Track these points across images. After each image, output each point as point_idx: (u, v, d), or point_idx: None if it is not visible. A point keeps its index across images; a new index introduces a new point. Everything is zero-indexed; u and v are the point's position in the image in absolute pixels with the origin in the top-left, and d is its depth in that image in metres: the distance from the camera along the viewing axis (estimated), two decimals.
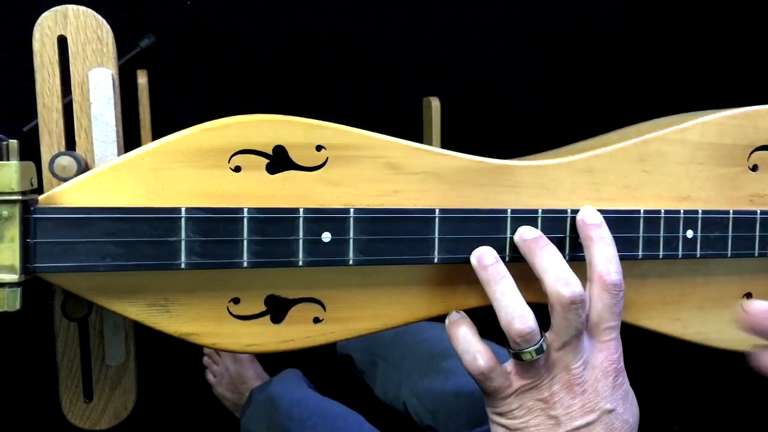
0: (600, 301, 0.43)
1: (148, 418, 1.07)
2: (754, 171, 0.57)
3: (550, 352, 0.42)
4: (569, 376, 0.42)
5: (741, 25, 1.41)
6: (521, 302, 0.42)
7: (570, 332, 0.42)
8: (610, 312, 0.43)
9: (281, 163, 0.44)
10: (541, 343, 0.41)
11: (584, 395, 0.42)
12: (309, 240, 0.43)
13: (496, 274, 0.44)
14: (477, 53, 1.23)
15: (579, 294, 0.41)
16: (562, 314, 0.41)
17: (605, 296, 0.43)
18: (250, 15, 1.09)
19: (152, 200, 0.42)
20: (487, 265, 0.44)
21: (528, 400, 0.43)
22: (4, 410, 1.04)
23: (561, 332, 0.42)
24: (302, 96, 1.13)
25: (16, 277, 0.38)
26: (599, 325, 0.43)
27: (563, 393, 0.42)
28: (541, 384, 0.42)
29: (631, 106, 1.34)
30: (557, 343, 0.42)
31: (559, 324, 0.42)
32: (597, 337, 0.44)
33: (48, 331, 0.63)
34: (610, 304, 0.43)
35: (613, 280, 0.43)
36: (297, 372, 1.02)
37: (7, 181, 0.38)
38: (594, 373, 0.43)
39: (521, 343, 0.41)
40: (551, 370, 0.42)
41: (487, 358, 0.43)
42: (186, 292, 0.44)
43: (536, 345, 0.41)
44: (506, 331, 0.42)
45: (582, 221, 0.47)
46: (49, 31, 0.53)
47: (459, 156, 0.48)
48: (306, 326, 0.47)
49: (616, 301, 0.43)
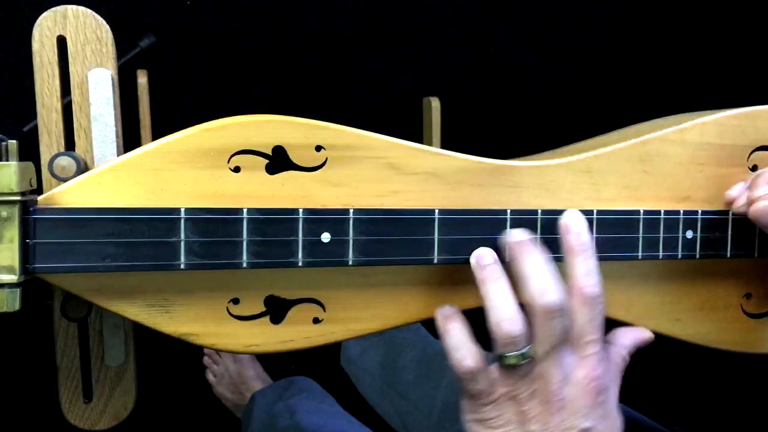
0: (580, 315, 0.42)
1: (148, 418, 1.07)
2: (754, 171, 0.57)
3: (533, 364, 0.41)
4: (548, 392, 0.41)
5: (741, 25, 1.41)
6: (513, 305, 0.41)
7: (551, 341, 0.41)
8: (591, 325, 0.42)
9: (281, 164, 0.44)
10: (527, 350, 0.41)
11: (562, 412, 0.41)
12: (308, 240, 0.43)
13: (492, 274, 0.43)
14: (477, 53, 1.23)
15: (559, 302, 0.41)
16: (543, 323, 0.41)
17: (585, 309, 0.42)
18: (250, 15, 1.09)
19: (152, 201, 0.42)
20: (485, 265, 0.44)
21: (506, 411, 0.42)
22: (4, 410, 1.04)
23: (542, 342, 0.41)
24: (302, 96, 1.13)
25: (16, 278, 0.38)
26: (580, 339, 0.42)
27: (541, 408, 0.41)
28: (521, 396, 0.42)
29: (631, 106, 1.33)
30: (540, 352, 0.41)
31: (539, 334, 0.41)
32: (579, 352, 0.43)
33: (48, 331, 0.63)
34: (590, 317, 0.42)
35: (592, 293, 0.42)
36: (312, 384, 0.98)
37: (6, 182, 0.38)
38: (574, 389, 0.42)
39: (507, 346, 0.41)
40: (531, 384, 0.42)
41: (478, 359, 0.42)
42: (185, 293, 0.44)
43: (521, 350, 0.41)
44: (494, 331, 0.41)
45: (566, 227, 0.45)
46: (49, 32, 0.53)
47: (459, 156, 0.48)
48: (306, 326, 0.47)
49: (596, 314, 0.43)
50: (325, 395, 0.94)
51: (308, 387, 0.96)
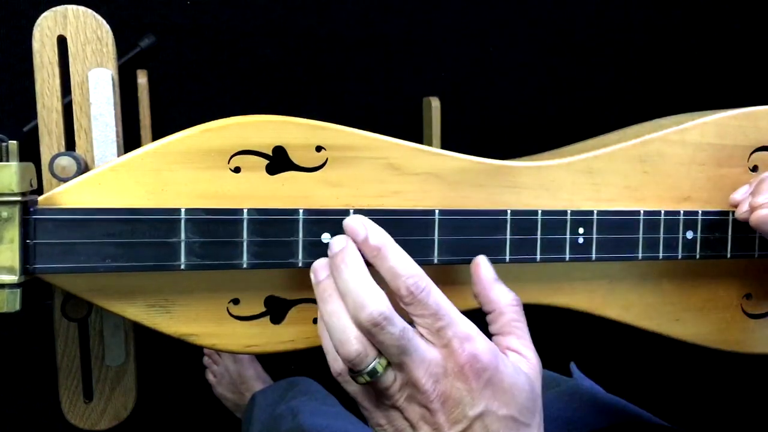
0: (414, 310, 0.40)
1: (148, 418, 1.07)
2: (755, 172, 0.57)
3: (397, 371, 0.39)
4: (422, 394, 0.39)
5: (741, 25, 1.41)
6: (346, 324, 0.39)
7: (398, 348, 0.38)
8: (431, 313, 0.40)
9: (281, 164, 0.44)
10: (374, 365, 0.39)
11: (445, 407, 0.39)
12: (309, 241, 0.43)
13: (323, 293, 0.41)
14: (477, 53, 1.23)
15: (378, 312, 0.38)
16: (377, 335, 0.38)
17: (415, 304, 0.40)
18: (250, 15, 1.09)
19: (152, 201, 0.42)
20: (317, 282, 0.42)
21: (395, 419, 0.40)
22: (4, 410, 1.04)
23: (388, 352, 0.39)
24: (302, 96, 1.13)
25: (16, 278, 0.38)
26: (431, 330, 0.40)
27: (423, 411, 0.39)
28: (400, 404, 0.40)
29: (631, 106, 1.33)
30: (394, 361, 0.39)
31: (381, 346, 0.39)
32: (437, 342, 0.40)
33: (48, 331, 0.63)
34: (425, 307, 0.40)
35: (411, 287, 0.40)
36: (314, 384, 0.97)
37: (6, 182, 0.38)
38: (448, 381, 0.39)
39: (354, 367, 0.39)
40: (403, 391, 0.40)
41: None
42: (185, 293, 0.44)
43: (368, 368, 0.38)
44: (338, 354, 0.40)
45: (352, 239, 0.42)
46: (49, 32, 0.53)
47: (459, 156, 0.48)
48: (305, 327, 0.47)
49: (430, 302, 0.40)
50: (327, 396, 0.94)
51: (310, 388, 0.96)
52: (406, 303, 0.40)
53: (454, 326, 0.40)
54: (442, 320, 0.40)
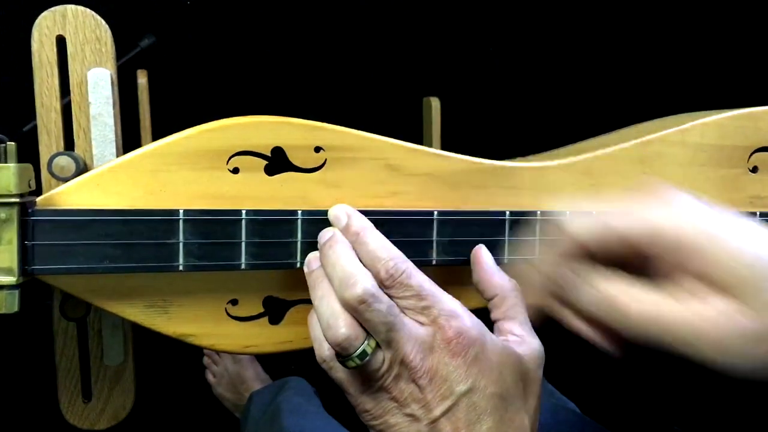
0: (396, 292, 0.40)
1: (148, 418, 1.07)
2: (755, 172, 0.57)
3: (386, 351, 0.39)
4: (411, 370, 0.39)
5: (741, 25, 1.41)
6: (334, 309, 0.39)
7: (385, 326, 0.38)
8: (415, 294, 0.40)
9: (280, 165, 0.44)
10: (364, 347, 0.39)
11: (433, 383, 0.39)
12: (307, 242, 0.43)
13: (314, 281, 0.41)
14: (477, 53, 1.23)
15: (362, 290, 0.38)
16: (363, 314, 0.38)
17: (398, 285, 0.40)
18: (249, 15, 1.09)
19: (151, 202, 0.42)
20: (309, 272, 0.42)
21: (382, 400, 0.40)
22: (4, 410, 1.04)
23: (376, 331, 0.39)
24: (301, 96, 1.13)
25: (14, 280, 0.38)
26: (416, 308, 0.40)
27: (411, 388, 0.39)
28: (387, 384, 0.40)
29: (631, 106, 1.33)
30: (382, 339, 0.39)
31: (368, 325, 0.39)
32: (425, 320, 0.40)
33: (47, 331, 0.63)
34: (408, 288, 0.40)
35: (392, 269, 0.40)
36: (302, 383, 0.99)
37: (5, 184, 0.38)
38: (435, 357, 0.39)
39: (343, 351, 0.39)
40: (391, 370, 0.40)
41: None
42: (184, 294, 0.44)
43: (357, 351, 0.38)
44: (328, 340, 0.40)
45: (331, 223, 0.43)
46: (48, 31, 0.53)
47: (458, 157, 0.48)
48: (304, 327, 0.46)
49: (412, 283, 0.40)
50: (312, 396, 0.94)
51: (297, 386, 0.97)
52: (387, 286, 0.40)
53: (439, 304, 0.40)
54: (425, 300, 0.40)
